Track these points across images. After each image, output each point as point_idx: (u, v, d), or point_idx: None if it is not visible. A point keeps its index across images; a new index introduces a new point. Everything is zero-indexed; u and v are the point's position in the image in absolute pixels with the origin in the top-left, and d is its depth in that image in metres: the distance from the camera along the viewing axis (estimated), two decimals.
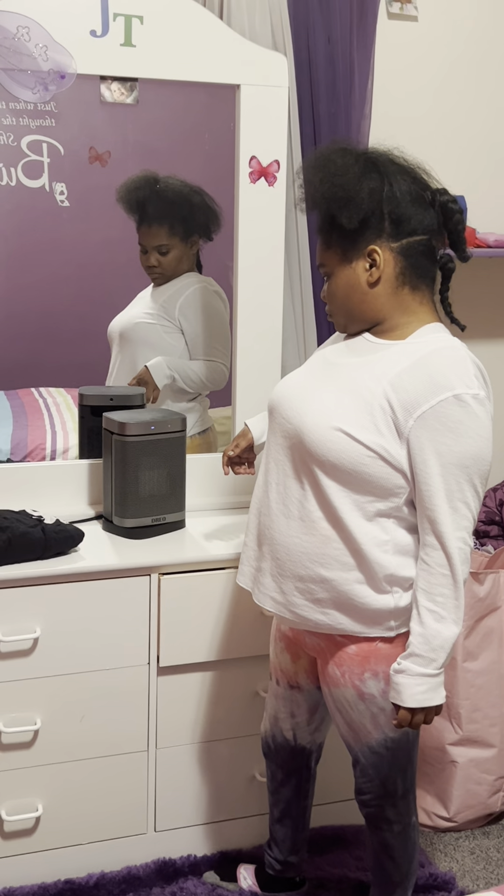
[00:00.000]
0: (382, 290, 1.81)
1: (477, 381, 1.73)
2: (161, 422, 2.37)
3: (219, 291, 2.71)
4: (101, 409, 2.49)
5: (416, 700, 1.76)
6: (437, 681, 1.76)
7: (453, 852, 2.55)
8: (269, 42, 2.46)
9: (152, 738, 2.32)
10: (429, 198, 1.81)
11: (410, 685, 1.75)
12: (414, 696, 1.76)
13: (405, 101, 2.81)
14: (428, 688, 1.76)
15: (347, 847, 2.46)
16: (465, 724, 2.56)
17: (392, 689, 1.79)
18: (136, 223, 2.64)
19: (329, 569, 1.81)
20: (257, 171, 2.42)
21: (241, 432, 2.19)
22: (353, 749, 1.96)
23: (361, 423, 1.74)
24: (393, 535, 1.79)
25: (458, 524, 1.73)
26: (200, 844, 2.43)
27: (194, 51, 2.32)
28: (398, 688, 1.77)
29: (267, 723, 2.17)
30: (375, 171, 1.78)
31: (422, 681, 1.75)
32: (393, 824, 1.99)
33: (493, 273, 3.03)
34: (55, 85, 2.25)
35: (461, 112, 2.90)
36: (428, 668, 1.75)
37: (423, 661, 1.75)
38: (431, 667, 1.75)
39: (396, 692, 1.77)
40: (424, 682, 1.75)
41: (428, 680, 1.75)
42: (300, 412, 1.82)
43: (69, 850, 2.31)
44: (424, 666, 1.75)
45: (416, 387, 1.71)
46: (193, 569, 2.26)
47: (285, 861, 2.25)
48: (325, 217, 1.82)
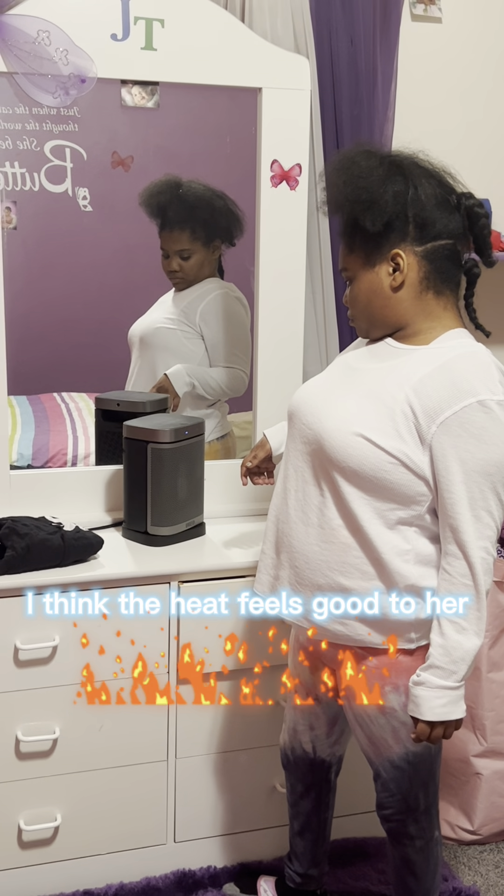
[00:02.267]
0: (406, 295, 1.78)
1: (501, 387, 1.70)
2: (190, 426, 2.37)
3: (240, 297, 2.69)
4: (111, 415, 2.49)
5: (435, 713, 1.72)
6: (457, 694, 1.73)
7: (477, 866, 2.51)
8: (291, 45, 2.44)
9: (171, 748, 2.30)
10: (454, 201, 1.79)
11: (430, 698, 1.72)
12: (433, 709, 1.72)
13: (429, 104, 2.78)
14: (448, 701, 1.72)
15: (369, 860, 2.43)
16: (490, 735, 2.52)
17: (411, 701, 1.76)
18: (158, 227, 2.64)
19: (349, 577, 1.78)
20: (279, 174, 2.39)
21: (260, 443, 2.17)
22: (374, 763, 1.93)
23: (383, 428, 1.71)
24: (414, 545, 1.76)
25: (481, 533, 1.69)
26: (220, 856, 2.40)
27: (215, 54, 2.30)
28: (417, 700, 1.74)
29: (286, 735, 2.14)
30: (400, 174, 1.75)
31: (441, 693, 1.72)
32: (415, 839, 1.96)
33: None
34: (76, 89, 2.23)
35: (486, 114, 2.86)
36: (448, 680, 1.71)
37: (444, 673, 1.71)
38: (452, 679, 1.71)
39: (415, 705, 1.74)
40: (444, 695, 1.72)
41: (448, 693, 1.72)
42: (321, 418, 1.80)
43: (88, 861, 2.30)
44: (444, 678, 1.71)
45: (439, 392, 1.68)
46: (214, 576, 2.24)
47: (306, 874, 2.22)
48: (349, 220, 1.80)
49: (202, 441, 2.42)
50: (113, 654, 2.18)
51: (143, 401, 2.54)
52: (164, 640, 2.22)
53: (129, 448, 2.35)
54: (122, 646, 2.18)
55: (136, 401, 2.53)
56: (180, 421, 2.38)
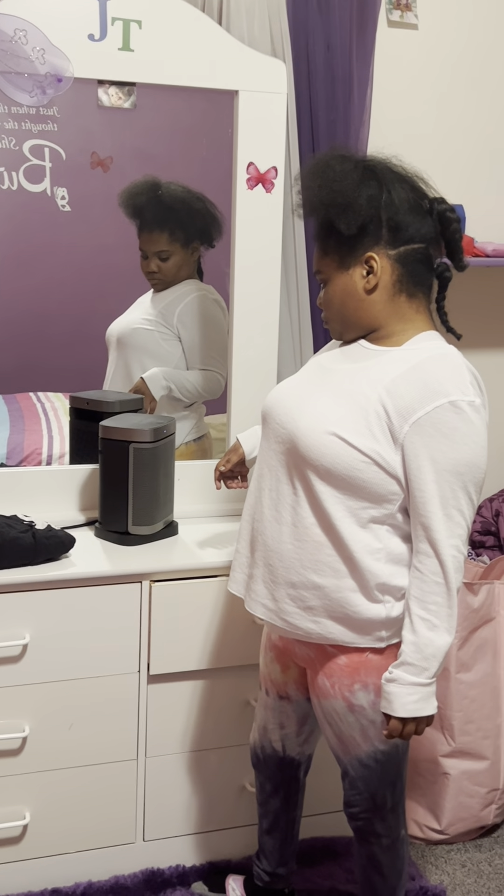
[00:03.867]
0: (379, 298, 1.80)
1: (473, 388, 1.73)
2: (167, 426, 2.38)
3: (218, 300, 2.70)
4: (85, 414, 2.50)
5: (407, 710, 1.74)
6: (429, 690, 1.75)
7: (444, 865, 2.53)
8: (268, 48, 2.46)
9: (142, 747, 2.30)
10: (426, 206, 1.81)
11: (402, 694, 1.74)
12: (405, 705, 1.74)
13: (404, 110, 2.80)
14: (420, 697, 1.74)
15: (338, 859, 2.44)
16: (458, 736, 2.54)
17: (383, 698, 1.77)
18: (137, 228, 2.64)
19: (322, 575, 1.79)
20: (255, 177, 2.41)
21: (233, 447, 2.18)
22: (342, 761, 1.94)
23: (356, 428, 1.73)
24: (386, 544, 1.78)
25: (452, 531, 1.71)
26: (189, 854, 2.41)
27: (193, 56, 2.31)
28: (389, 697, 1.75)
29: (256, 733, 2.15)
30: (374, 179, 1.77)
31: (413, 690, 1.73)
32: (382, 838, 1.97)
33: (491, 283, 3.03)
34: (52, 88, 2.24)
35: (461, 120, 2.89)
36: (420, 677, 1.73)
37: (416, 669, 1.73)
38: (423, 676, 1.73)
39: (388, 702, 1.76)
40: (416, 692, 1.73)
41: (420, 689, 1.74)
42: (294, 417, 1.81)
43: (56, 859, 2.29)
44: (416, 675, 1.73)
45: (411, 393, 1.70)
46: (185, 576, 2.25)
47: (274, 873, 2.22)
48: (323, 223, 1.82)
49: (174, 440, 2.43)
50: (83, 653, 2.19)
51: (113, 400, 2.54)
52: (135, 639, 2.22)
53: (107, 448, 2.35)
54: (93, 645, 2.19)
55: (106, 400, 2.54)
56: (156, 420, 2.39)
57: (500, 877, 2.48)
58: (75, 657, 2.19)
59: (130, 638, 2.22)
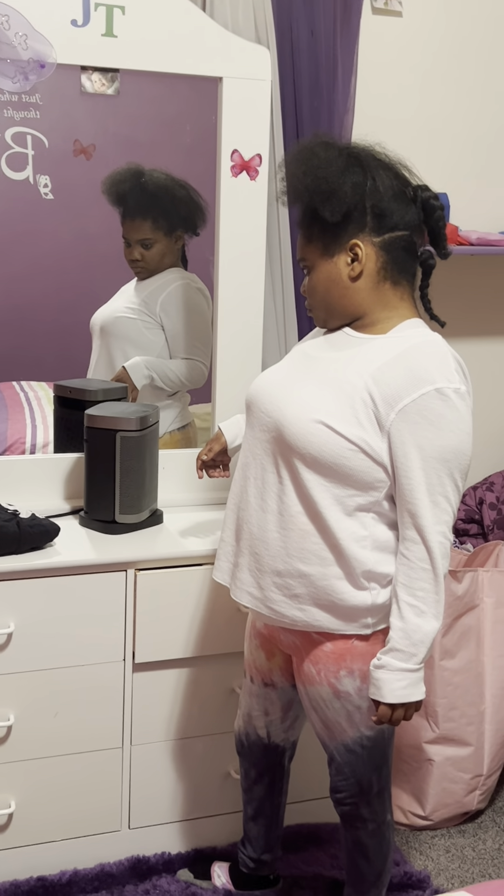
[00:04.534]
0: (363, 285, 1.80)
1: (458, 375, 1.73)
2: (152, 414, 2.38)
3: (202, 288, 2.69)
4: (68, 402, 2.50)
5: (396, 696, 1.75)
6: (417, 676, 1.76)
7: (428, 850, 2.54)
8: (252, 35, 2.45)
9: (127, 735, 2.30)
10: (410, 194, 1.81)
11: (391, 680, 1.74)
12: (394, 691, 1.75)
13: (389, 97, 2.80)
14: (408, 683, 1.75)
15: (322, 845, 2.45)
16: (442, 722, 2.56)
17: (372, 684, 1.78)
18: (121, 216, 2.63)
19: (307, 563, 1.79)
20: (239, 164, 2.40)
21: (215, 436, 2.18)
22: (328, 747, 1.95)
23: (343, 416, 1.73)
24: (372, 531, 1.78)
25: (438, 518, 1.72)
26: (175, 842, 2.41)
27: (176, 42, 2.30)
28: (378, 683, 1.76)
29: (240, 720, 2.16)
30: (358, 166, 1.77)
31: (402, 676, 1.74)
32: (367, 822, 1.98)
33: (475, 271, 3.03)
34: (35, 74, 2.22)
35: (445, 108, 2.89)
36: (408, 662, 1.74)
37: (404, 655, 1.74)
38: (412, 662, 1.74)
39: (376, 688, 1.76)
40: (405, 678, 1.74)
41: (408, 675, 1.75)
42: (280, 405, 1.81)
43: (42, 847, 2.29)
44: (405, 661, 1.74)
45: (397, 380, 1.70)
46: (170, 565, 2.25)
47: (259, 859, 2.23)
48: (307, 210, 1.81)
49: (158, 428, 2.43)
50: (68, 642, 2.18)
51: (97, 388, 2.53)
52: (120, 627, 2.22)
53: (93, 436, 2.34)
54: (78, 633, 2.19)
55: (90, 388, 2.53)
56: (142, 409, 2.39)
57: (484, 862, 2.50)
58: (60, 646, 2.18)
59: (115, 626, 2.22)
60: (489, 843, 2.58)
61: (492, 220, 2.99)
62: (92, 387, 2.56)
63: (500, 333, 3.14)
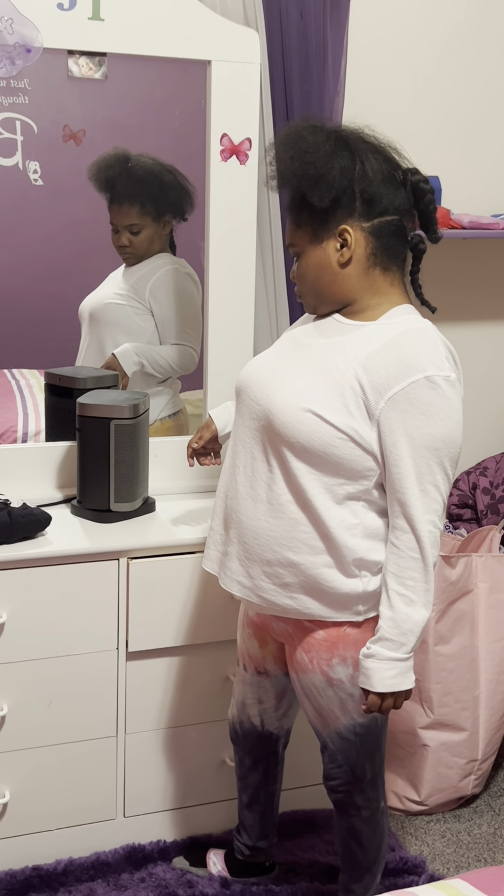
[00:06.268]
0: (353, 271, 1.78)
1: (448, 363, 1.72)
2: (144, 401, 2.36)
3: (191, 273, 2.67)
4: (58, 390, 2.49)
5: (385, 685, 1.74)
6: (406, 665, 1.75)
7: (424, 836, 2.55)
8: (240, 17, 2.42)
9: (121, 724, 2.30)
10: (400, 177, 1.79)
11: (380, 670, 1.74)
12: (383, 680, 1.74)
13: (379, 80, 2.78)
14: (398, 672, 1.74)
15: (318, 831, 2.46)
16: (437, 707, 2.56)
17: (361, 673, 1.77)
18: (108, 202, 2.60)
19: (297, 552, 1.79)
20: (229, 148, 2.38)
21: (205, 424, 2.16)
22: (321, 735, 1.95)
23: (332, 404, 1.71)
24: (362, 519, 1.77)
25: (428, 507, 1.71)
26: (170, 830, 2.42)
27: (164, 25, 2.27)
28: (368, 672, 1.75)
29: (234, 709, 2.16)
30: (347, 150, 1.75)
31: (391, 665, 1.74)
32: (361, 810, 1.98)
33: (467, 255, 3.01)
34: (22, 59, 2.20)
35: (436, 90, 2.87)
36: (398, 652, 1.73)
37: (393, 645, 1.73)
38: (401, 651, 1.73)
39: (366, 677, 1.76)
40: (394, 667, 1.74)
41: (398, 664, 1.74)
42: (269, 393, 1.80)
43: (37, 837, 2.29)
44: (394, 650, 1.73)
45: (387, 368, 1.69)
46: (163, 553, 2.24)
47: (254, 846, 2.24)
48: (296, 195, 1.79)
49: (148, 416, 2.42)
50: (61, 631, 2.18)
51: (87, 376, 2.52)
52: (113, 616, 2.21)
53: (86, 425, 2.32)
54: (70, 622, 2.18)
55: (80, 376, 2.52)
56: (133, 396, 2.37)
57: (479, 847, 2.51)
58: (53, 635, 2.18)
59: (108, 615, 2.21)
60: (484, 828, 2.59)
61: (484, 203, 2.97)
62: (82, 374, 2.55)
63: (492, 318, 3.13)
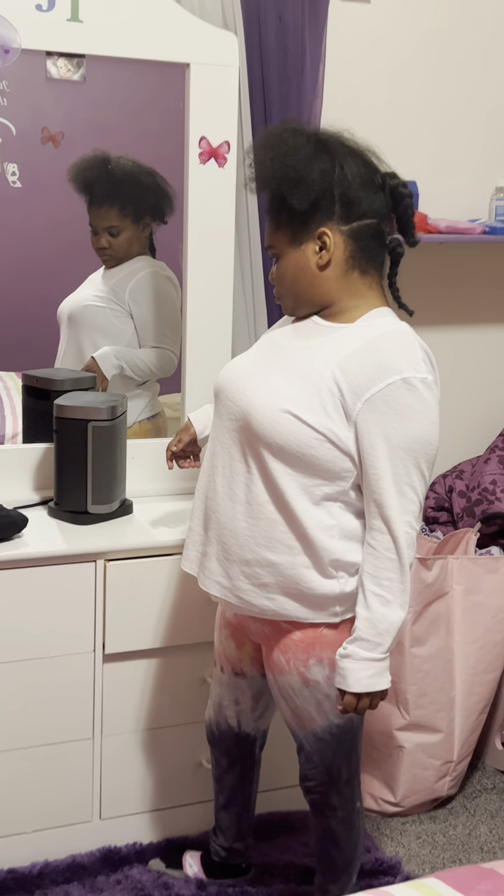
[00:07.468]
0: (332, 274, 1.79)
1: (425, 365, 1.73)
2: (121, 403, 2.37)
3: (171, 276, 2.67)
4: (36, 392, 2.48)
5: (361, 685, 1.75)
6: (382, 665, 1.76)
7: (399, 837, 2.56)
8: (219, 20, 2.43)
9: (97, 726, 2.29)
10: (379, 181, 1.80)
11: (356, 670, 1.75)
12: (359, 680, 1.75)
13: (357, 84, 2.79)
14: (374, 672, 1.75)
15: (294, 833, 2.46)
16: (413, 709, 2.57)
17: (337, 673, 1.78)
18: (87, 204, 2.60)
19: (275, 552, 1.79)
20: (207, 151, 2.38)
21: (184, 426, 2.17)
22: (297, 736, 1.95)
23: (310, 405, 1.72)
24: (339, 520, 1.78)
25: (404, 508, 1.72)
26: (146, 832, 2.41)
27: (143, 28, 2.27)
28: (344, 672, 1.76)
29: (211, 710, 2.16)
30: (326, 153, 1.76)
31: (367, 665, 1.74)
32: (337, 810, 1.99)
33: (444, 259, 3.03)
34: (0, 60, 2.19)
35: (414, 95, 2.88)
36: (374, 652, 1.74)
37: (370, 645, 1.74)
38: (377, 651, 1.74)
39: (342, 677, 1.77)
40: (370, 667, 1.75)
41: (374, 664, 1.75)
42: (247, 395, 1.80)
43: (12, 839, 2.28)
44: (370, 650, 1.74)
45: (364, 370, 1.70)
46: (140, 555, 2.24)
47: (231, 848, 2.24)
48: (275, 198, 1.80)
49: (126, 418, 2.42)
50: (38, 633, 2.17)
51: (65, 378, 2.51)
52: (90, 618, 2.21)
53: (63, 427, 2.32)
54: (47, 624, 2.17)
55: (58, 378, 2.51)
56: (111, 398, 2.37)
57: (454, 848, 2.52)
58: (30, 637, 2.17)
59: (85, 617, 2.21)
60: (459, 829, 2.60)
61: (461, 208, 2.99)
62: (59, 376, 2.54)
63: (469, 321, 3.15)
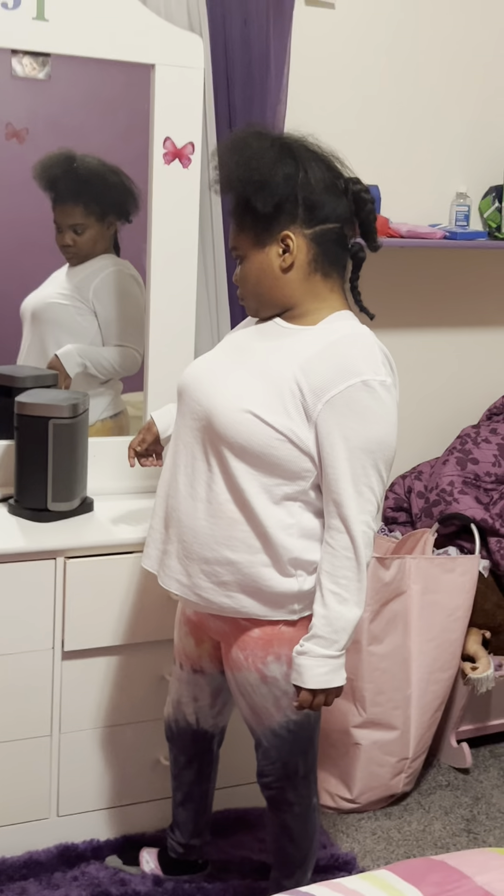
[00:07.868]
0: (294, 276, 1.82)
1: (384, 368, 1.76)
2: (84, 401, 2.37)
3: (135, 275, 2.68)
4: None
5: (317, 682, 1.77)
6: (338, 662, 1.78)
7: (355, 833, 2.59)
8: (184, 22, 2.44)
9: (56, 723, 2.29)
10: (342, 186, 1.82)
11: (312, 666, 1.77)
12: (315, 677, 1.77)
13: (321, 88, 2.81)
14: (329, 669, 1.78)
15: (250, 829, 2.48)
16: (369, 707, 2.60)
17: (294, 670, 1.80)
18: (52, 201, 2.60)
19: (235, 551, 1.81)
20: (172, 152, 2.40)
21: (147, 426, 2.18)
22: (255, 732, 1.97)
23: (271, 406, 1.74)
24: (298, 519, 1.80)
25: (362, 508, 1.75)
26: (104, 829, 2.42)
27: (108, 28, 2.28)
28: (300, 669, 1.78)
29: (170, 707, 2.17)
30: (290, 157, 1.78)
31: (323, 662, 1.77)
32: (293, 806, 2.01)
33: (405, 263, 3.07)
34: None
35: (376, 100, 2.91)
36: (330, 649, 1.77)
37: (326, 642, 1.76)
38: (333, 648, 1.77)
39: (298, 673, 1.79)
40: (326, 664, 1.77)
41: (329, 661, 1.77)
42: (210, 394, 1.82)
43: None
44: (326, 647, 1.77)
45: (325, 372, 1.72)
46: (100, 552, 2.25)
47: (188, 844, 2.25)
48: (240, 200, 1.82)
49: (87, 416, 2.43)
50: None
51: (26, 375, 2.51)
52: (49, 615, 2.21)
53: (24, 424, 2.32)
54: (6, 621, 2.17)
55: (19, 375, 2.51)
56: (73, 396, 2.38)
57: (409, 843, 2.56)
58: None
59: (45, 614, 2.21)
60: (414, 825, 2.63)
61: (422, 212, 3.03)
62: (22, 373, 2.54)
63: (428, 325, 3.19)
